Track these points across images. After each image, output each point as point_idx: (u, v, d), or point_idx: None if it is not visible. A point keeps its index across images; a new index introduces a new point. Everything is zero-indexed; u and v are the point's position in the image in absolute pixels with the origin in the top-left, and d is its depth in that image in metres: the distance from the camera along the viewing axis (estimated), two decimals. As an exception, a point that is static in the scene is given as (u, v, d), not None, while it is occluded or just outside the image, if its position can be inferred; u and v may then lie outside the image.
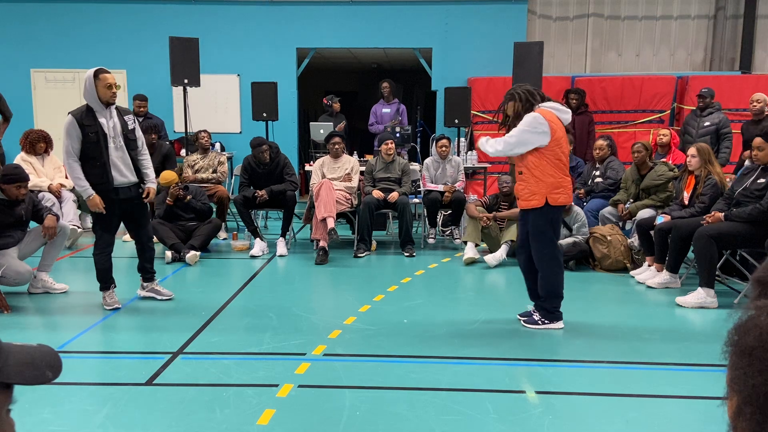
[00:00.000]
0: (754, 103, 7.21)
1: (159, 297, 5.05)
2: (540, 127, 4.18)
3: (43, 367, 1.00)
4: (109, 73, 4.55)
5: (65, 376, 3.54)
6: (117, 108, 4.67)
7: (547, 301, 4.44)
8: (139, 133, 4.81)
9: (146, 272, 5.06)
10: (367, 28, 10.55)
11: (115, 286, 4.93)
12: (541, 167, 4.24)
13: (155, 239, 6.69)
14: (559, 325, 4.44)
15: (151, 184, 4.85)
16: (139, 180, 4.79)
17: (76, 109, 4.56)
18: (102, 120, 4.53)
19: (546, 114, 4.22)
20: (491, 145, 4.35)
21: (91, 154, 4.52)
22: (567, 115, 4.35)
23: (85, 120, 4.49)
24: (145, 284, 5.11)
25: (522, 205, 4.42)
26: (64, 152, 4.54)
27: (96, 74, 4.49)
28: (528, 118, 4.21)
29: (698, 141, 7.31)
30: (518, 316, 4.62)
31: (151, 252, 5.05)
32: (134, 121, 4.79)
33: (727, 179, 5.73)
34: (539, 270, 4.41)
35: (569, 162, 7.21)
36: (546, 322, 4.45)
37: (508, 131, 4.36)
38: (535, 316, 4.49)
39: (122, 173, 4.64)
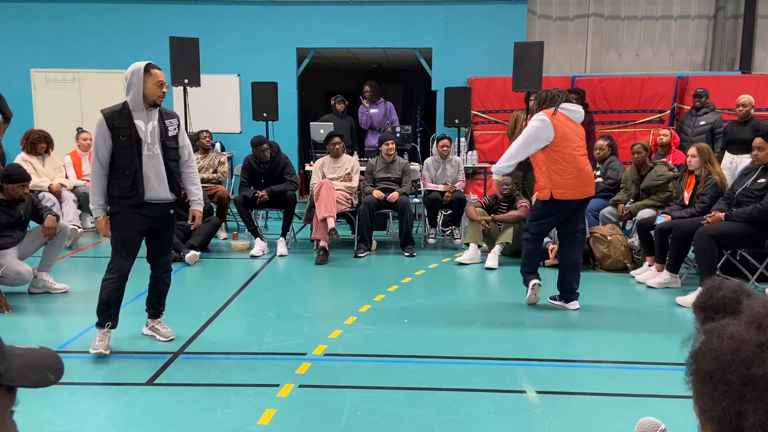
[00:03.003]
0: (740, 107, 7.31)
1: (159, 337, 4.19)
2: (540, 124, 4.51)
3: (45, 369, 1.01)
4: (160, 69, 3.89)
5: (65, 375, 3.53)
6: (161, 110, 3.91)
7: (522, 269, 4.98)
8: (185, 142, 4.04)
9: (154, 308, 4.24)
10: (367, 28, 10.55)
11: (113, 327, 3.99)
12: (546, 164, 4.58)
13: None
14: (529, 286, 4.92)
15: (198, 206, 4.13)
16: (177, 196, 4.00)
17: (109, 107, 3.85)
18: (139, 122, 3.80)
19: (548, 113, 4.50)
20: (506, 158, 4.72)
21: (121, 162, 3.78)
22: (578, 114, 4.66)
23: (117, 121, 3.77)
24: (148, 320, 4.29)
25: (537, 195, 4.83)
26: (93, 159, 3.85)
27: (147, 68, 3.81)
28: (533, 123, 4.55)
29: (694, 140, 7.42)
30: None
31: (165, 287, 4.19)
32: (178, 127, 3.99)
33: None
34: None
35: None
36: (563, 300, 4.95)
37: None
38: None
39: (152, 187, 3.84)
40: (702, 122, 7.94)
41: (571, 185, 4.59)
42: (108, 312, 3.92)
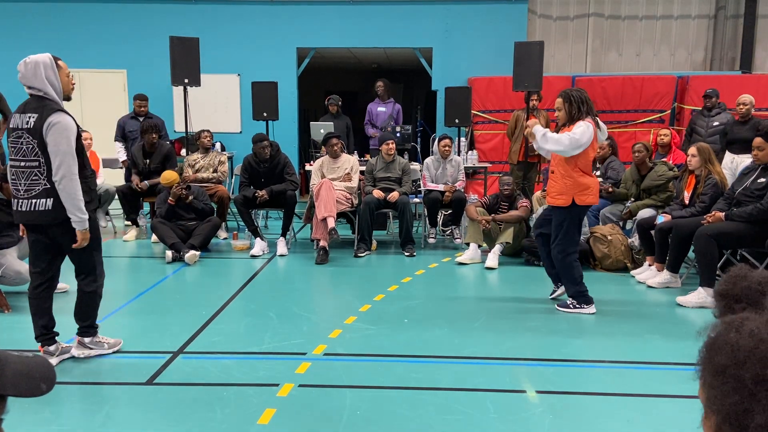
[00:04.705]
0: (741, 106, 7.30)
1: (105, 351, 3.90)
2: (590, 138, 4.52)
3: (37, 379, 1.00)
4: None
5: (66, 375, 3.55)
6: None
7: (570, 291, 4.83)
8: None
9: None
10: (367, 28, 10.56)
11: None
12: (572, 168, 4.59)
13: (155, 238, 6.69)
14: (591, 309, 4.79)
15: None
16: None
17: (59, 105, 3.51)
18: None
19: (593, 125, 4.57)
20: (553, 141, 4.55)
21: (84, 164, 3.56)
22: (604, 135, 4.75)
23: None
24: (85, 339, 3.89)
25: (550, 202, 4.75)
26: (68, 164, 3.42)
27: (56, 59, 3.56)
28: (584, 128, 4.49)
29: (708, 140, 7.36)
30: (553, 300, 5.05)
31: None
32: None
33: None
34: (556, 263, 4.81)
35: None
36: (577, 306, 4.79)
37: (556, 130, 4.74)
38: (567, 301, 4.86)
39: None
40: (716, 123, 7.86)
41: (592, 189, 4.69)
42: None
